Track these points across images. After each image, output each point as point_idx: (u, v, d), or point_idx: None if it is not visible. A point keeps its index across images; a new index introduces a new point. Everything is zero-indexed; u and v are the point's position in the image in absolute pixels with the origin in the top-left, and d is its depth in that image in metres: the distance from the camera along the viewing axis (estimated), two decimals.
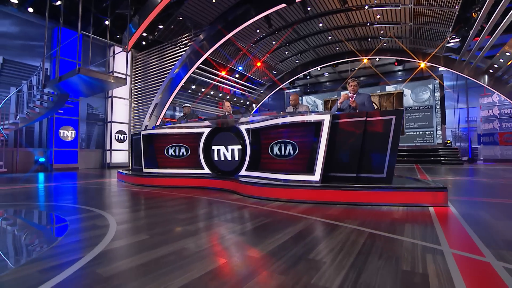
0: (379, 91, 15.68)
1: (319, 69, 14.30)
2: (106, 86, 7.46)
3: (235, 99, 14.64)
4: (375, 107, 3.96)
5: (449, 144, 13.71)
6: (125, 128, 11.43)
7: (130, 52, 11.47)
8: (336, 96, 16.87)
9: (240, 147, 4.27)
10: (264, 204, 2.86)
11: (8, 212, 2.59)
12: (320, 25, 9.84)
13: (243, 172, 4.24)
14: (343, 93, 4.39)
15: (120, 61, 11.01)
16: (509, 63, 8.74)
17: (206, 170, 4.66)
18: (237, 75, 12.90)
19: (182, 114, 6.28)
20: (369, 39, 10.74)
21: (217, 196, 3.45)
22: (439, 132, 14.08)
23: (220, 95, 13.60)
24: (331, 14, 8.94)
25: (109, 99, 11.03)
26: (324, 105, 17.10)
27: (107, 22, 9.75)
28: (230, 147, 4.38)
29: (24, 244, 1.69)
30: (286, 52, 12.07)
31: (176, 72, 10.77)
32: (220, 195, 3.51)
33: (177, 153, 4.91)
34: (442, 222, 2.11)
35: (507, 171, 7.03)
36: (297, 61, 13.30)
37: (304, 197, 2.98)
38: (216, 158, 4.55)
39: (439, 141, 14.08)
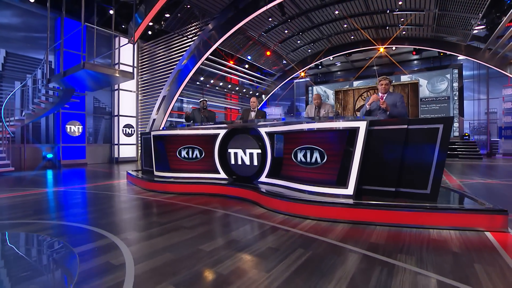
0: (394, 81, 15.04)
1: (331, 58, 13.71)
2: (113, 81, 7.16)
3: (244, 90, 14.22)
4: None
5: (467, 137, 13.19)
6: (132, 121, 11.18)
7: (136, 43, 11.06)
8: (347, 86, 16.31)
9: (259, 151, 3.95)
10: (294, 224, 2.56)
11: (7, 237, 2.34)
12: (336, 12, 9.27)
13: (263, 178, 3.94)
14: (372, 97, 3.99)
15: (126, 51, 10.62)
16: None
17: (222, 175, 4.38)
18: (246, 66, 12.43)
19: (193, 108, 5.95)
20: (387, 27, 10.12)
21: (238, 209, 3.16)
22: (456, 125, 13.53)
23: (229, 86, 13.19)
24: (349, 1, 8.37)
25: (116, 92, 10.73)
26: (335, 95, 16.56)
27: (111, 12, 9.34)
28: (248, 150, 4.07)
29: None
30: (299, 41, 11.52)
31: (184, 64, 10.36)
32: (241, 208, 3.22)
33: (190, 155, 4.62)
34: None
35: None
36: (309, 51, 12.74)
37: (338, 216, 2.67)
38: (233, 162, 4.25)
39: (456, 134, 13.55)
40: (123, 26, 10.67)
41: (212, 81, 12.06)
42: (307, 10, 9.05)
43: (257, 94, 15.04)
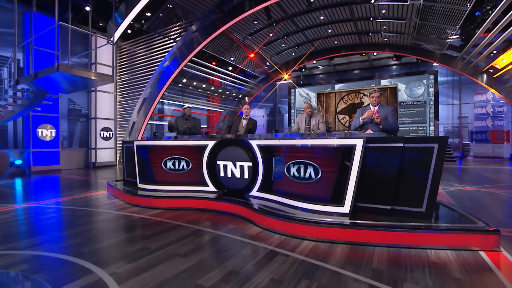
0: (374, 85, 15.49)
1: (314, 62, 13.86)
2: (90, 83, 6.76)
3: (227, 92, 14.02)
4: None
5: None
6: (110, 124, 10.66)
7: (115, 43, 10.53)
8: (329, 89, 16.59)
9: (250, 164, 3.85)
10: (293, 247, 2.49)
11: None
12: (322, 17, 9.35)
13: (254, 192, 3.85)
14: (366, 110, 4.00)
15: (104, 50, 10.09)
16: (509, 67, 8.71)
17: (211, 187, 4.23)
18: (230, 68, 12.25)
19: (180, 115, 5.73)
20: (370, 34, 10.34)
21: (231, 228, 3.04)
22: (432, 128, 14.13)
23: (212, 88, 12.94)
24: (334, 7, 8.46)
25: (93, 93, 10.17)
26: (318, 98, 16.81)
27: (88, 8, 8.82)
28: (238, 163, 3.95)
29: None
30: (283, 45, 11.52)
31: (166, 66, 10.03)
32: (235, 226, 3.10)
33: (176, 167, 4.43)
34: None
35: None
36: (293, 54, 12.79)
37: (336, 236, 2.62)
38: (222, 175, 4.11)
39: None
40: (100, 24, 10.14)
41: (194, 83, 11.77)
42: (293, 15, 9.04)
43: (240, 96, 14.89)
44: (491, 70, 9.61)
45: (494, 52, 8.56)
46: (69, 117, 9.86)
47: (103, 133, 10.35)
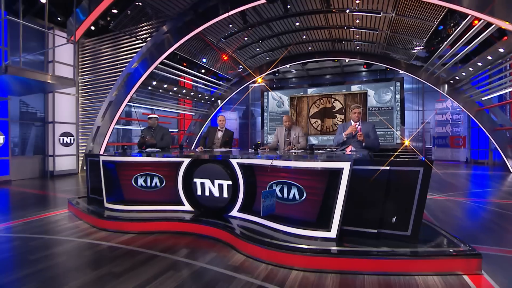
0: (344, 90, 16.03)
1: (288, 66, 13.98)
2: (47, 87, 6.14)
3: (199, 95, 13.62)
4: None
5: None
6: (72, 129, 9.82)
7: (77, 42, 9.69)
8: (302, 93, 16.85)
9: (230, 182, 3.66)
10: (281, 280, 2.35)
11: None
12: (297, 24, 9.41)
13: (234, 212, 3.67)
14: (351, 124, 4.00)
15: (64, 47, 9.21)
16: (467, 79, 9.47)
17: (187, 207, 3.97)
18: (202, 70, 11.90)
19: (146, 126, 5.34)
20: (343, 42, 10.63)
21: (213, 257, 2.83)
22: (399, 133, 14.92)
23: (184, 91, 12.48)
24: (310, 14, 8.55)
25: (50, 95, 9.26)
26: (290, 101, 17.01)
27: (43, 0, 8.00)
28: (217, 181, 3.74)
29: None
30: (258, 49, 11.44)
31: (135, 67, 9.45)
32: (216, 254, 2.90)
33: (148, 184, 4.11)
34: None
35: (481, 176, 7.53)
36: (267, 58, 12.78)
37: (325, 266, 2.53)
38: (199, 193, 3.88)
39: (398, 141, 14.94)
40: (59, 19, 9.26)
41: (165, 86, 11.26)
42: (269, 20, 8.99)
43: (212, 99, 14.56)
44: (451, 81, 10.31)
45: (457, 63, 9.23)
46: (21, 121, 8.89)
47: (63, 139, 9.48)
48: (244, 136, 18.88)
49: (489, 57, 7.43)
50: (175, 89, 11.95)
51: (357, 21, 8.73)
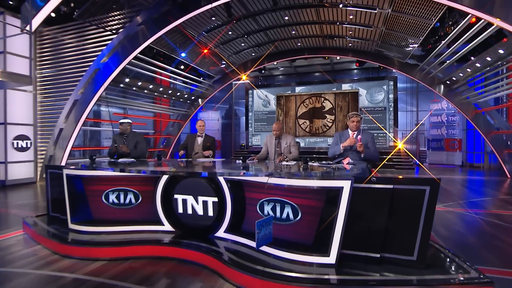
0: (335, 89, 16.24)
1: (275, 63, 13.99)
2: None
3: (178, 93, 13.35)
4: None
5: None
6: (28, 131, 9.31)
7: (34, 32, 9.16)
8: (290, 92, 16.92)
9: (216, 199, 3.55)
10: None
11: None
12: (286, 18, 9.40)
13: (221, 233, 3.55)
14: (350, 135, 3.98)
15: (18, 35, 8.66)
16: (464, 81, 9.81)
17: (167, 227, 3.81)
18: (182, 66, 11.66)
19: (117, 131, 5.13)
20: (335, 38, 10.73)
21: (198, 287, 2.70)
22: (392, 135, 15.27)
23: (161, 89, 12.18)
24: (300, 8, 8.56)
25: (1, 91, 8.70)
26: (277, 100, 17.03)
27: None
28: (201, 198, 3.62)
29: None
30: (243, 44, 11.35)
31: (105, 62, 9.09)
32: (202, 283, 2.78)
33: (121, 201, 3.92)
34: None
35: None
36: (253, 54, 12.72)
37: None
38: (180, 211, 3.73)
39: (391, 143, 15.30)
40: (10, 2, 8.70)
41: (139, 83, 10.93)
42: (256, 13, 8.91)
43: (192, 97, 14.31)
44: (448, 82, 10.65)
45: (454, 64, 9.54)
46: None
47: (17, 143, 8.96)
48: (227, 137, 18.72)
49: (488, 58, 7.71)
50: (150, 86, 11.64)
51: (351, 17, 8.83)
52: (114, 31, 9.14)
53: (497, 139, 10.49)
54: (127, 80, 10.49)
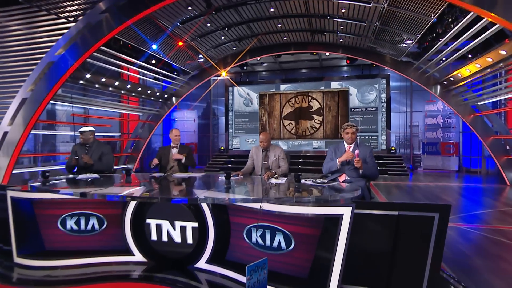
0: (323, 88, 16.39)
1: (258, 59, 13.93)
2: None
3: (148, 91, 12.98)
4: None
5: (394, 151, 15.35)
6: None
7: None
8: (274, 90, 16.91)
9: (195, 225, 3.41)
10: None
11: None
12: (272, 10, 9.35)
13: (202, 264, 3.41)
14: (346, 149, 3.94)
15: None
16: (462, 83, 10.16)
17: (138, 257, 3.61)
18: (153, 61, 11.34)
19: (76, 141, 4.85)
20: (324, 33, 10.79)
21: None
22: (384, 137, 15.57)
23: (128, 86, 11.79)
24: (288, 0, 8.50)
25: None
26: (260, 99, 16.97)
27: None
28: (179, 223, 3.47)
29: None
30: (223, 37, 11.19)
31: (60, 54, 8.63)
32: None
33: (82, 227, 3.68)
34: None
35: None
36: (234, 48, 12.59)
37: None
38: (154, 238, 3.56)
39: (384, 147, 15.59)
40: None
41: (103, 80, 10.52)
42: (238, 3, 8.80)
43: (165, 95, 13.97)
44: (445, 82, 10.97)
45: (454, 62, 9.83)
46: None
47: None
48: (204, 139, 18.47)
49: (489, 59, 7.97)
50: (116, 83, 11.24)
51: (343, 11, 8.90)
52: (72, 19, 8.72)
53: (496, 143, 10.90)
54: (88, 75, 10.07)
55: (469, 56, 8.83)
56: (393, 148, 15.35)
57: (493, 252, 4.48)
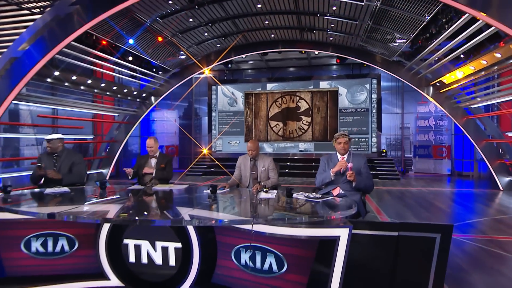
0: (312, 87, 16.46)
1: (244, 56, 13.86)
2: None
3: (124, 90, 12.68)
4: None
5: (384, 153, 15.57)
6: None
7: None
8: (260, 89, 16.87)
9: (179, 245, 3.30)
10: None
11: None
12: (259, 6, 9.30)
13: (186, 287, 3.29)
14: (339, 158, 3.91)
15: None
16: (455, 85, 10.38)
17: (114, 281, 3.48)
18: (130, 58, 11.09)
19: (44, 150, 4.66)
20: (314, 31, 10.83)
21: None
22: (375, 140, 15.77)
23: (102, 84, 11.47)
24: None
25: None
26: (245, 98, 16.90)
27: None
28: (160, 243, 3.35)
29: None
30: (206, 34, 11.07)
31: (25, 49, 8.30)
32: None
33: (49, 249, 3.52)
34: None
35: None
36: (218, 45, 12.48)
37: None
38: (132, 260, 3.42)
39: (374, 149, 15.79)
40: None
41: (74, 78, 10.20)
42: None
43: (143, 95, 13.69)
44: (437, 84, 11.19)
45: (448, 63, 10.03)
46: None
47: None
48: (185, 141, 18.22)
49: (484, 61, 8.16)
50: (89, 82, 10.92)
51: (334, 8, 8.97)
52: (37, 10, 8.41)
53: (489, 147, 11.18)
54: (57, 73, 9.73)
55: (462, 57, 9.04)
56: (384, 151, 15.55)
57: (490, 265, 4.54)
